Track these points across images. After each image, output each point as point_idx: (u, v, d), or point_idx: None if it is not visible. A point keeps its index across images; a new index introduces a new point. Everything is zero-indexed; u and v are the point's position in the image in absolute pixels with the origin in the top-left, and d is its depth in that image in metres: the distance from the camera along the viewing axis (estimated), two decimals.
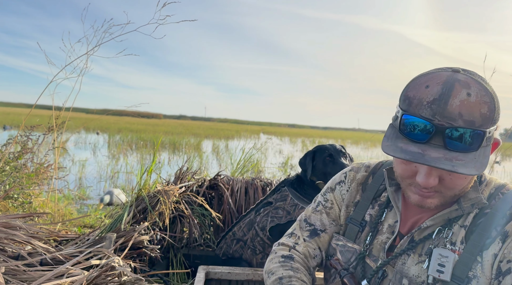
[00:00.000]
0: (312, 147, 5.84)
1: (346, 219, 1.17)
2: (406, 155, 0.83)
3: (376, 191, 1.13)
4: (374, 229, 1.08)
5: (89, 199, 5.56)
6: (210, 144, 19.23)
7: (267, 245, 2.11)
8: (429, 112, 0.82)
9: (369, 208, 1.13)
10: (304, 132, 57.96)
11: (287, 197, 2.11)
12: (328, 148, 2.08)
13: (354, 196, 1.17)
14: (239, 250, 2.18)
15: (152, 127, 31.12)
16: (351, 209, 1.17)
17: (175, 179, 2.44)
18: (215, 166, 10.74)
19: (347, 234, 1.14)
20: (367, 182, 1.16)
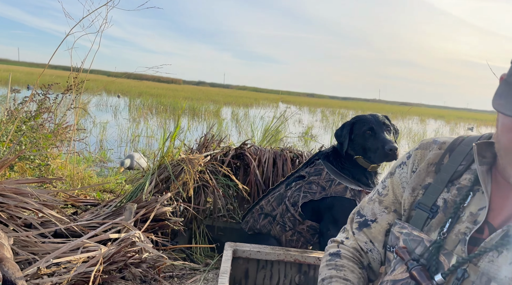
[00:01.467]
0: (332, 117, 5.52)
1: (412, 204, 0.98)
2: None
3: (454, 172, 0.93)
4: (455, 215, 0.88)
5: (110, 162, 5.51)
6: (229, 111, 19.03)
7: (298, 221, 1.94)
8: None
9: (443, 191, 0.93)
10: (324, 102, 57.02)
11: (322, 171, 1.91)
12: (369, 120, 1.83)
13: (423, 177, 0.97)
14: (267, 225, 2.02)
15: (172, 92, 31.04)
16: (419, 193, 0.97)
17: (199, 147, 2.27)
18: (235, 134, 10.59)
19: (413, 221, 0.95)
20: (442, 162, 0.96)
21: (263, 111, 21.12)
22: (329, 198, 1.86)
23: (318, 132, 11.99)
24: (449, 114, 45.06)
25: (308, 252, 1.68)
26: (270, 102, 37.21)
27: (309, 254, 1.66)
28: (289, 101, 47.17)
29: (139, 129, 8.52)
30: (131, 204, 1.61)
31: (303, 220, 1.92)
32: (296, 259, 1.65)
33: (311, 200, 1.88)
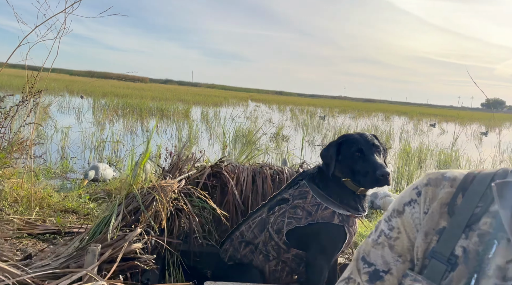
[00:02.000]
0: (301, 116, 5.37)
1: (425, 251, 0.83)
2: None
3: (471, 215, 0.79)
4: (480, 268, 0.74)
5: (72, 172, 5.16)
6: (199, 111, 18.68)
7: (282, 250, 1.79)
8: None
9: (461, 238, 0.79)
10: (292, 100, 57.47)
11: (307, 194, 1.76)
12: (358, 140, 1.69)
13: (437, 220, 0.83)
14: (248, 255, 1.85)
15: (138, 92, 30.17)
16: (433, 238, 0.83)
17: (171, 168, 2.06)
18: (206, 136, 10.35)
19: (428, 273, 0.80)
20: (455, 202, 0.82)
21: (233, 110, 20.92)
22: (316, 224, 1.71)
23: (290, 133, 11.94)
24: (411, 110, 46.60)
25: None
26: (240, 101, 37.02)
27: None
28: (258, 100, 47.16)
29: (104, 134, 8.11)
30: (94, 245, 1.40)
31: (288, 248, 1.77)
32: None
33: (296, 227, 1.73)
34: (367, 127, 15.49)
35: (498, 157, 8.69)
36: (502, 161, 7.78)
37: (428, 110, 58.04)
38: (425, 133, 17.51)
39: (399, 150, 9.01)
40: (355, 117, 25.81)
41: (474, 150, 9.50)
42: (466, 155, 7.91)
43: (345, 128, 12.82)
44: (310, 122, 15.39)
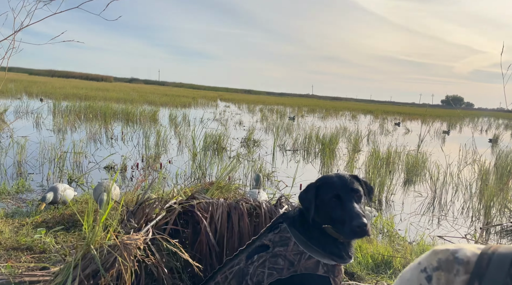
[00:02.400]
0: (271, 116, 5.17)
1: None
2: None
3: None
4: None
5: (29, 192, 4.78)
6: (166, 114, 18.21)
7: None
8: None
9: None
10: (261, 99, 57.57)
11: (289, 240, 1.61)
12: (335, 184, 1.54)
13: None
14: None
15: (102, 92, 29.13)
16: None
17: (137, 210, 1.85)
18: (175, 142, 10.03)
19: None
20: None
21: (203, 112, 20.57)
22: (299, 276, 1.57)
23: (260, 136, 11.82)
24: (376, 108, 47.85)
25: None
26: (209, 101, 36.59)
27: None
28: (227, 99, 46.87)
29: (66, 145, 7.64)
30: None
31: None
32: None
33: (278, 279, 1.58)
34: (336, 128, 15.64)
35: (463, 158, 8.96)
36: (468, 163, 8.01)
37: (392, 108, 59.81)
38: (391, 133, 17.92)
39: (369, 153, 9.08)
40: (323, 117, 26.10)
41: (439, 150, 9.74)
42: (435, 159, 8.07)
43: (315, 130, 12.85)
44: (281, 125, 15.33)
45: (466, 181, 6.32)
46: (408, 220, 4.79)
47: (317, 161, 9.47)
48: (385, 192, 5.97)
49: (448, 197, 6.07)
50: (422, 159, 8.53)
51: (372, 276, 2.69)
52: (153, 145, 9.14)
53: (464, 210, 5.51)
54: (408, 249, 3.22)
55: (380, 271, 2.78)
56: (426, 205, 5.70)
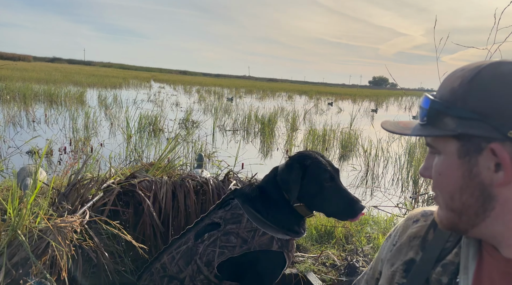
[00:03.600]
0: (209, 97, 5.06)
1: (390, 279, 0.81)
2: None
3: (441, 249, 0.77)
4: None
5: None
6: (95, 95, 17.06)
7: (213, 284, 1.55)
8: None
9: (432, 273, 0.75)
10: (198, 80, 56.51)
11: (241, 217, 1.53)
12: (325, 165, 1.46)
13: (405, 252, 0.81)
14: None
15: (20, 73, 26.45)
16: (399, 268, 0.80)
17: (70, 191, 1.66)
18: (106, 125, 9.42)
19: None
20: (427, 238, 0.80)
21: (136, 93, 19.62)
22: (252, 253, 1.51)
23: (199, 118, 11.56)
24: (310, 89, 49.37)
25: None
26: (141, 82, 34.97)
27: None
28: (162, 80, 45.22)
29: None
30: None
31: (220, 281, 1.54)
32: None
33: (229, 258, 1.51)
34: (274, 108, 15.85)
35: (391, 135, 9.56)
36: (396, 139, 8.56)
37: (325, 89, 62.16)
38: (325, 112, 18.60)
39: (306, 131, 9.33)
40: (261, 98, 26.31)
41: (370, 127, 10.30)
42: (367, 135, 8.51)
43: (254, 110, 12.88)
44: (219, 106, 15.15)
45: (395, 154, 6.76)
46: None
47: (257, 140, 9.52)
48: None
49: (379, 170, 6.46)
50: (355, 135, 8.96)
51: (316, 247, 2.75)
52: (81, 128, 8.51)
53: (394, 182, 5.90)
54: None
55: (324, 242, 2.85)
56: (360, 178, 6.00)
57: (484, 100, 0.62)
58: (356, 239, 2.90)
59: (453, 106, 0.64)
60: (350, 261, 2.07)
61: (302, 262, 2.40)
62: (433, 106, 0.67)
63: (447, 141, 0.66)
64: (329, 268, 2.31)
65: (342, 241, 2.87)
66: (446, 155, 0.67)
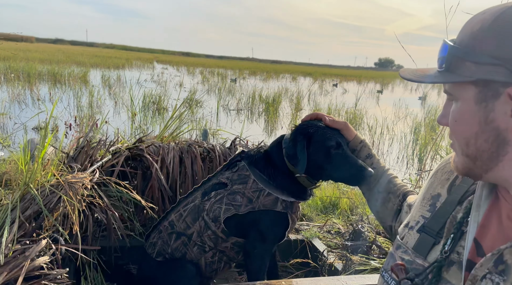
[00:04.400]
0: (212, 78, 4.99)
1: (416, 221, 0.84)
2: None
3: (466, 191, 0.80)
4: (457, 231, 0.75)
5: None
6: (98, 75, 17.01)
7: (220, 239, 1.58)
8: None
9: (452, 212, 0.79)
10: (201, 61, 56.10)
11: (248, 178, 1.54)
12: (330, 133, 1.39)
13: (435, 187, 0.86)
14: (181, 247, 1.61)
15: (23, 53, 26.33)
16: (427, 203, 0.85)
17: (79, 154, 1.68)
18: (110, 104, 9.42)
19: (417, 246, 0.81)
20: (454, 183, 0.83)
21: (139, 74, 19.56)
22: (257, 212, 1.53)
23: (203, 97, 11.53)
24: (315, 71, 48.93)
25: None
26: (144, 63, 34.79)
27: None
28: (164, 61, 44.97)
29: None
30: None
31: (227, 237, 1.57)
32: None
33: (235, 214, 1.53)
34: (278, 89, 15.76)
35: (396, 113, 9.53)
36: (400, 118, 8.52)
37: (330, 70, 61.59)
38: (329, 93, 18.49)
39: (310, 111, 9.30)
40: (264, 79, 26.15)
41: (374, 108, 10.26)
42: (371, 114, 8.47)
43: (258, 91, 12.82)
44: (223, 86, 15.08)
45: (401, 132, 6.74)
46: None
47: (261, 120, 9.51)
48: None
49: (385, 148, 6.45)
50: (359, 115, 8.93)
51: (322, 217, 2.78)
52: (86, 106, 8.53)
53: (399, 159, 5.90)
54: (353, 192, 3.37)
55: (329, 212, 2.88)
56: None
57: (504, 44, 0.61)
58: (361, 209, 2.93)
59: (472, 51, 0.63)
60: (356, 227, 2.09)
61: (307, 230, 2.43)
62: (451, 52, 0.66)
63: (464, 87, 0.66)
64: (334, 235, 2.33)
65: (347, 212, 2.89)
66: (463, 101, 0.67)
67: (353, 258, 1.80)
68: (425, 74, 0.73)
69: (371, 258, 1.83)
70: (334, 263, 1.83)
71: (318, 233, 2.36)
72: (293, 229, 1.64)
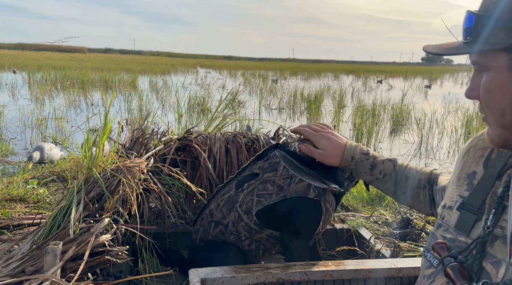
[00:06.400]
0: (254, 80, 5.04)
1: (455, 201, 0.83)
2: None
3: (503, 165, 0.77)
4: (499, 205, 0.73)
5: (14, 155, 4.65)
6: (146, 80, 17.76)
7: (254, 231, 1.57)
8: None
9: (491, 188, 0.77)
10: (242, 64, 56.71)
11: (277, 165, 1.51)
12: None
13: (469, 164, 0.84)
14: (219, 235, 1.63)
15: (77, 63, 28.13)
16: (464, 182, 0.83)
17: (134, 144, 1.80)
18: (157, 106, 9.82)
19: (458, 224, 0.79)
20: (490, 157, 0.80)
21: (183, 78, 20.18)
22: (288, 200, 1.48)
23: (245, 98, 11.70)
24: (358, 68, 47.77)
25: (292, 267, 1.39)
26: (189, 68, 35.81)
27: (294, 270, 1.38)
28: (207, 66, 45.98)
29: (45, 111, 7.41)
30: (54, 243, 1.15)
31: (261, 229, 1.56)
32: (279, 278, 1.36)
33: (266, 206, 1.50)
34: (320, 87, 15.60)
35: (446, 107, 9.12)
36: (450, 112, 8.15)
37: (374, 67, 59.93)
38: (374, 90, 18.01)
39: (354, 108, 9.13)
40: (306, 79, 25.98)
41: (422, 102, 9.87)
42: (419, 109, 8.17)
43: (299, 90, 12.78)
44: (264, 87, 15.19)
45: (451, 126, 6.45)
46: None
47: (303, 118, 9.48)
48: (373, 140, 6.06)
49: (434, 142, 6.21)
50: (406, 110, 8.64)
51: (368, 208, 2.75)
52: (135, 109, 8.95)
53: (450, 154, 5.65)
54: None
55: (375, 204, 2.84)
56: (413, 151, 5.81)
57: None
58: None
59: (500, 17, 0.61)
60: (404, 216, 2.05)
61: (353, 220, 2.42)
62: (478, 21, 0.64)
63: (496, 56, 0.64)
64: (382, 225, 2.30)
65: (395, 205, 2.84)
66: (495, 70, 0.65)
67: (401, 245, 1.78)
68: (451, 47, 0.71)
69: (420, 244, 1.79)
70: (382, 250, 1.81)
71: (365, 222, 2.34)
72: (330, 221, 1.59)
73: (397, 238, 1.92)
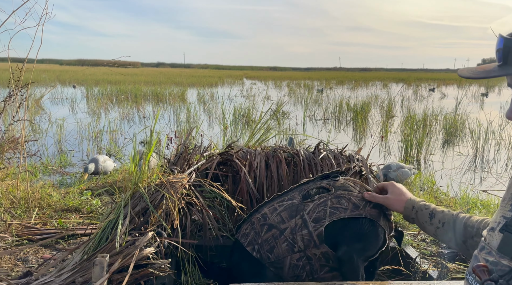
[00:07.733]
0: (298, 90, 5.01)
1: (498, 222, 0.81)
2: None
3: None
4: None
5: (71, 166, 4.98)
6: (194, 93, 18.36)
7: (313, 243, 1.55)
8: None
9: None
10: (288, 75, 56.87)
11: (353, 188, 1.61)
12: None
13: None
14: (270, 240, 1.63)
15: (131, 77, 29.70)
16: (508, 203, 0.81)
17: (177, 159, 1.87)
18: (204, 118, 10.12)
19: (501, 247, 0.77)
20: None
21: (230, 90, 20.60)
22: (363, 219, 1.53)
23: (289, 109, 11.71)
24: (408, 76, 46.15)
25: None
26: (235, 80, 36.55)
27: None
28: (253, 77, 46.61)
29: (101, 124, 7.89)
30: (102, 255, 1.23)
31: (320, 242, 1.55)
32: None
33: (341, 219, 1.53)
34: (367, 96, 15.24)
35: (504, 118, 8.52)
36: (508, 122, 7.61)
37: (425, 75, 57.53)
38: (425, 98, 17.29)
39: (403, 118, 8.82)
40: (353, 88, 25.51)
41: (478, 112, 9.31)
42: (474, 119, 7.72)
43: (345, 100, 12.57)
44: (309, 97, 15.12)
45: (510, 136, 6.03)
46: (450, 177, 4.64)
47: (349, 128, 9.30)
48: (423, 152, 5.80)
49: (490, 155, 5.82)
50: (460, 120, 8.20)
51: (415, 225, 2.63)
52: (184, 121, 9.27)
53: (508, 167, 5.28)
54: (452, 201, 3.13)
55: None
56: (467, 164, 5.49)
57: None
58: None
59: None
60: None
61: None
62: (507, 44, 0.66)
63: None
64: (429, 243, 2.20)
65: None
66: None
67: (449, 266, 1.69)
68: (484, 70, 0.72)
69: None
70: (428, 270, 1.73)
71: (412, 240, 2.25)
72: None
73: (446, 258, 1.82)
